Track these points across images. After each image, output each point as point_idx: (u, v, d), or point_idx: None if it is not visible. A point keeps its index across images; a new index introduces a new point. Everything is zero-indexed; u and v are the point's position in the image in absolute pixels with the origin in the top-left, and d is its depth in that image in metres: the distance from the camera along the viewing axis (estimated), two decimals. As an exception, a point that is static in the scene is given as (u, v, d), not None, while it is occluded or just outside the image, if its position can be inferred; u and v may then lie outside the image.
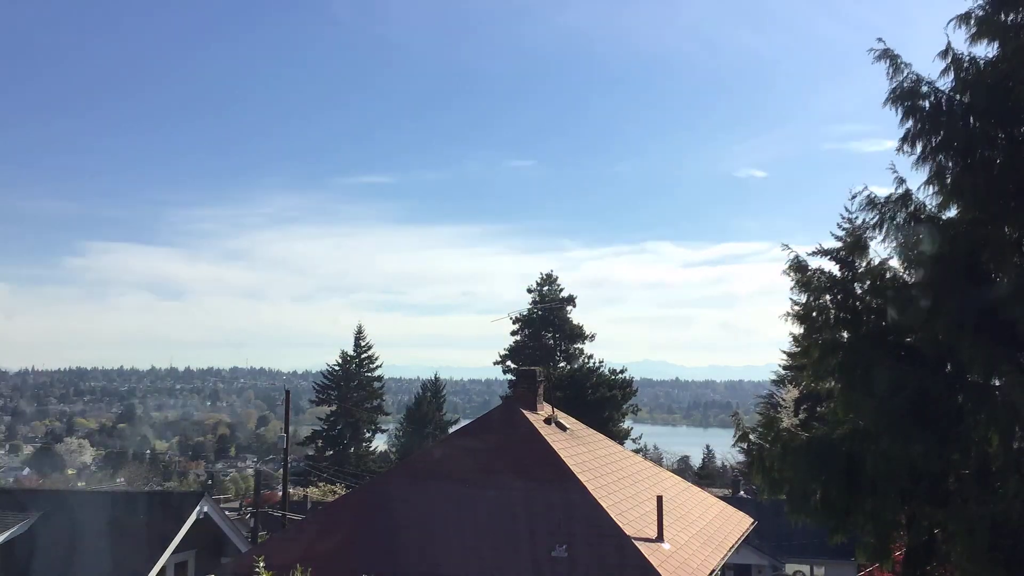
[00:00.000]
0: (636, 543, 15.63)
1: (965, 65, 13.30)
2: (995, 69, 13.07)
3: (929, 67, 14.26)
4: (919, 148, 13.77)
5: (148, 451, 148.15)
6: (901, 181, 14.57)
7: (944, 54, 13.66)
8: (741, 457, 47.90)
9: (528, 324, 54.53)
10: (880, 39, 14.09)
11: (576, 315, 56.22)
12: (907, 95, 13.70)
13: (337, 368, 71.01)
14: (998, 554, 12.20)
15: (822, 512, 16.29)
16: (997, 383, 12.85)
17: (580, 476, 17.69)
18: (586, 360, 54.01)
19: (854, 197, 14.98)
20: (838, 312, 15.15)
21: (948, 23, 13.49)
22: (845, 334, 15.31)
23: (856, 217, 15.53)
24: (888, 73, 13.83)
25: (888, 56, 13.93)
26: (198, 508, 25.30)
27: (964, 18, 13.28)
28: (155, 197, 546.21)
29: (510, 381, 46.17)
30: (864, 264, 15.14)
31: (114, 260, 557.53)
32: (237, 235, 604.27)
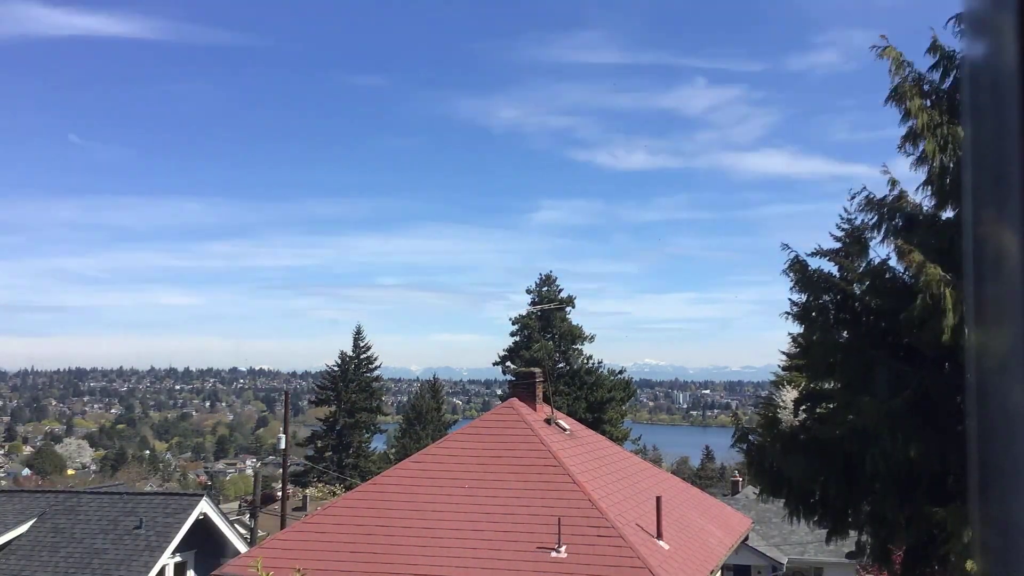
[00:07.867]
0: (635, 543, 15.63)
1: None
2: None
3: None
4: (920, 148, 13.77)
5: (147, 451, 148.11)
6: (894, 183, 14.57)
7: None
8: (740, 458, 47.84)
9: (527, 325, 54.51)
10: (883, 36, 14.09)
11: (575, 315, 56.23)
12: (908, 93, 13.69)
13: (336, 369, 70.97)
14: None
15: (821, 512, 16.31)
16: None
17: (579, 477, 17.70)
18: (585, 361, 53.94)
19: (853, 197, 14.99)
20: (838, 312, 15.14)
21: (946, 23, 13.52)
22: (845, 334, 15.31)
23: (855, 217, 15.52)
24: (889, 71, 13.83)
25: (889, 54, 13.92)
26: (197, 509, 25.32)
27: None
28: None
29: (509, 382, 46.14)
30: (863, 264, 15.13)
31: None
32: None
